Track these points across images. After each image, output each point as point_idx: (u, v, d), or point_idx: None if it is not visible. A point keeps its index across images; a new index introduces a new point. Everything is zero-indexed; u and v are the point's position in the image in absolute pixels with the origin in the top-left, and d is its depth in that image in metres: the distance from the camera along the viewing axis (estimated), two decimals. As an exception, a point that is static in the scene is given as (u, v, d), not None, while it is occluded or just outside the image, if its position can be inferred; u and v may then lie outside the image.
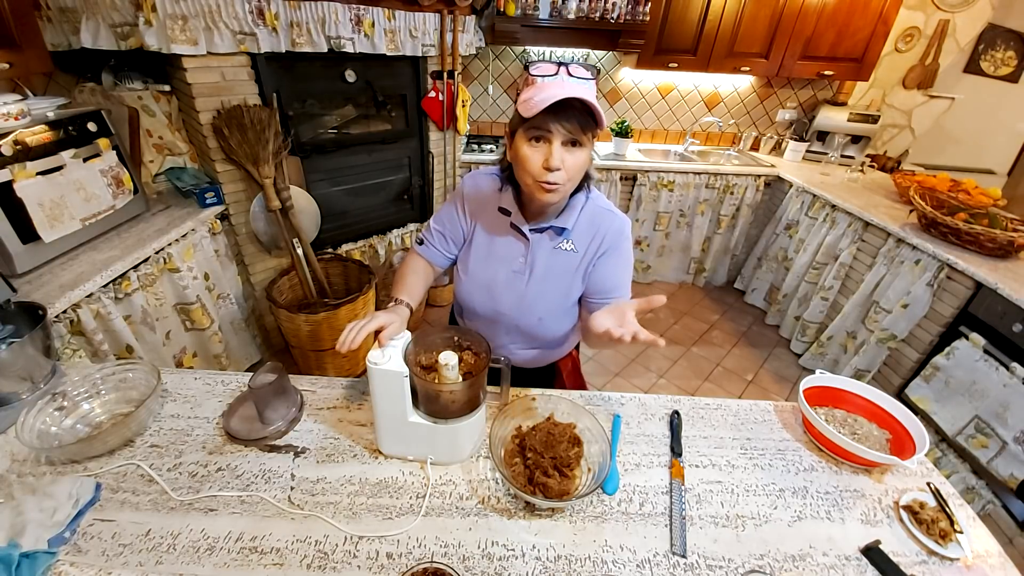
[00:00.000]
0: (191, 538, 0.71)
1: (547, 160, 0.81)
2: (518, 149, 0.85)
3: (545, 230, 0.97)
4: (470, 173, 1.06)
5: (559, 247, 0.98)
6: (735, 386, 2.49)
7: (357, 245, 2.44)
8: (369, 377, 0.78)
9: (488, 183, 1.03)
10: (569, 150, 0.82)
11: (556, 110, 0.78)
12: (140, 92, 1.82)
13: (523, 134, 0.83)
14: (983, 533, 0.80)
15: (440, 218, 1.07)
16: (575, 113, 0.79)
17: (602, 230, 0.97)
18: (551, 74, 0.83)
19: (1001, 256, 1.86)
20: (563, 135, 0.81)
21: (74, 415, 0.88)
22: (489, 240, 1.02)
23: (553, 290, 0.99)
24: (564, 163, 0.82)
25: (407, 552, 0.71)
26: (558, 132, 0.80)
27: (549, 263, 0.98)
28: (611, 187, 2.92)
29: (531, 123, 0.81)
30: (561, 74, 0.83)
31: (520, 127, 0.84)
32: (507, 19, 2.47)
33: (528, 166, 0.84)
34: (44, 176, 1.35)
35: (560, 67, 0.83)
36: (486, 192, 1.02)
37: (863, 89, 3.21)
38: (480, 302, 1.04)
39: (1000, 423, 1.62)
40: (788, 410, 1.04)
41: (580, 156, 0.84)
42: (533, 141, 0.83)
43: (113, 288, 1.43)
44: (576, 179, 0.87)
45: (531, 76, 0.85)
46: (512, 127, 0.88)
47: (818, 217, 2.58)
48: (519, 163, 0.86)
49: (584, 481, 0.80)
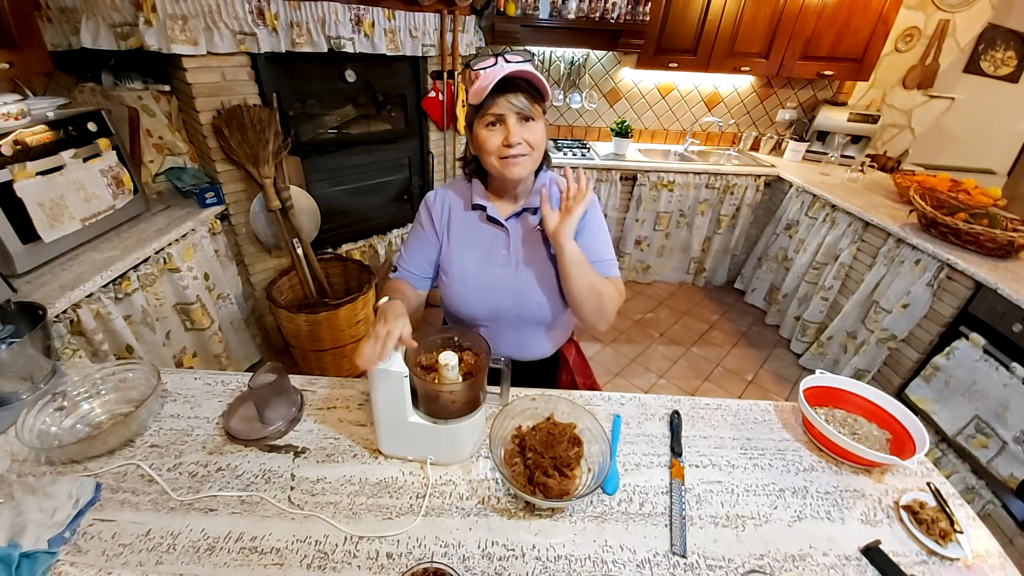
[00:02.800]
0: (191, 538, 0.71)
1: (506, 138, 0.89)
2: (478, 136, 0.93)
3: (520, 215, 1.02)
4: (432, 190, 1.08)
5: (537, 228, 1.02)
6: (735, 386, 2.49)
7: (357, 245, 2.44)
8: (369, 377, 0.78)
9: (452, 189, 1.07)
10: (524, 125, 0.90)
11: (502, 91, 0.86)
12: (140, 92, 1.82)
13: (479, 122, 0.92)
14: (983, 533, 0.80)
15: (408, 244, 1.09)
16: (520, 90, 0.88)
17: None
18: (490, 64, 0.89)
19: (1001, 256, 1.86)
20: (515, 111, 0.88)
21: (74, 415, 0.88)
22: (468, 242, 1.03)
23: (542, 271, 1.02)
24: (523, 137, 0.90)
25: (407, 552, 0.71)
26: (510, 110, 0.88)
27: (531, 246, 1.02)
28: (611, 187, 2.92)
29: (483, 108, 0.89)
30: (499, 62, 0.88)
31: (475, 117, 0.92)
32: (507, 19, 2.48)
33: (488, 146, 0.91)
34: (44, 176, 1.35)
35: (497, 57, 0.89)
36: (453, 195, 1.06)
37: (863, 89, 3.21)
38: (476, 305, 1.02)
39: (1000, 423, 1.62)
40: (788, 410, 1.04)
41: (536, 128, 0.92)
42: (490, 126, 0.91)
43: (113, 288, 1.43)
44: (540, 149, 0.95)
45: (473, 71, 0.91)
46: (468, 121, 0.96)
47: (818, 217, 2.58)
48: (481, 149, 0.93)
49: (584, 481, 0.80)
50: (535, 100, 0.90)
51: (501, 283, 1.01)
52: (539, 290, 1.01)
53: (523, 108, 0.88)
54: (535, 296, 1.01)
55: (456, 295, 1.04)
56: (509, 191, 1.02)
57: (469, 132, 0.96)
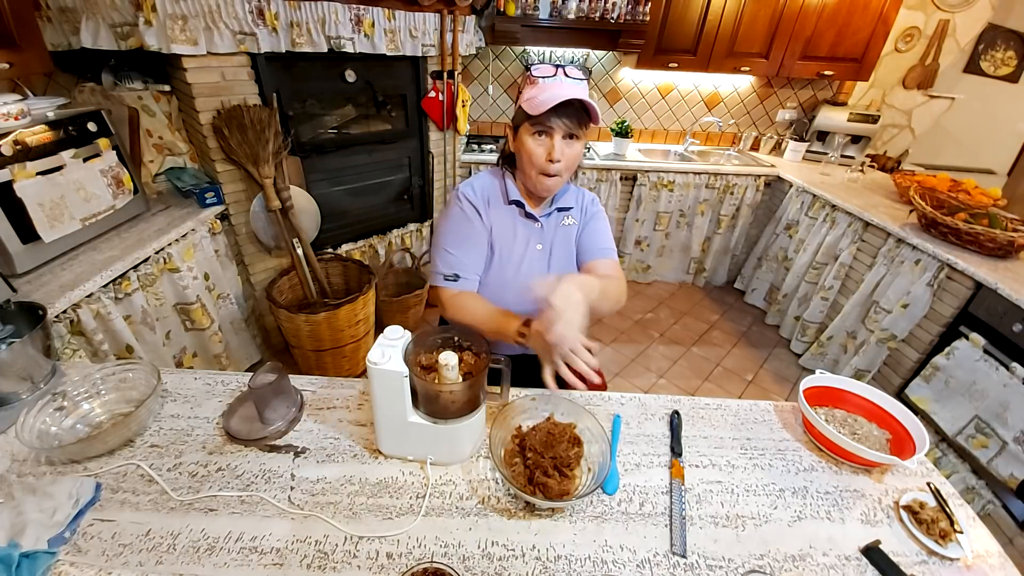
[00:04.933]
0: (191, 538, 0.71)
1: (550, 153, 0.94)
2: (523, 142, 0.97)
3: (552, 212, 1.10)
4: (457, 187, 1.07)
5: (563, 223, 1.11)
6: (735, 386, 2.49)
7: (357, 245, 2.44)
8: (369, 377, 0.78)
9: (486, 182, 1.08)
10: (567, 143, 0.95)
11: (557, 108, 0.89)
12: (140, 92, 1.82)
13: (528, 128, 0.95)
14: (983, 533, 0.80)
15: (459, 244, 1.02)
16: (573, 111, 0.92)
17: (583, 203, 1.15)
18: (551, 75, 0.93)
19: (1001, 256, 1.86)
20: (563, 130, 0.93)
21: (74, 415, 0.88)
22: (509, 235, 1.07)
23: (567, 262, 1.12)
24: (564, 155, 0.95)
25: (407, 552, 0.71)
26: (559, 127, 0.92)
27: (560, 240, 1.11)
28: (611, 187, 2.92)
29: (536, 120, 0.93)
30: (559, 75, 0.92)
31: (525, 122, 0.95)
32: (507, 19, 2.47)
33: (534, 159, 0.96)
34: (44, 176, 1.35)
35: (558, 69, 0.93)
36: (489, 191, 1.08)
37: (863, 89, 3.21)
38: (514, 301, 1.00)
39: (1000, 423, 1.62)
40: (788, 410, 1.04)
41: (576, 148, 0.97)
42: (537, 135, 0.95)
43: (113, 288, 1.43)
44: (572, 168, 1.00)
45: (532, 76, 0.94)
46: (516, 122, 1.00)
47: (818, 217, 2.58)
48: (524, 155, 0.98)
49: (584, 481, 0.80)
50: (583, 123, 0.94)
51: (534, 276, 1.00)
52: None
53: (572, 128, 0.93)
54: None
55: (494, 286, 1.07)
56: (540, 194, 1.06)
57: (513, 132, 1.01)
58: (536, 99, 0.90)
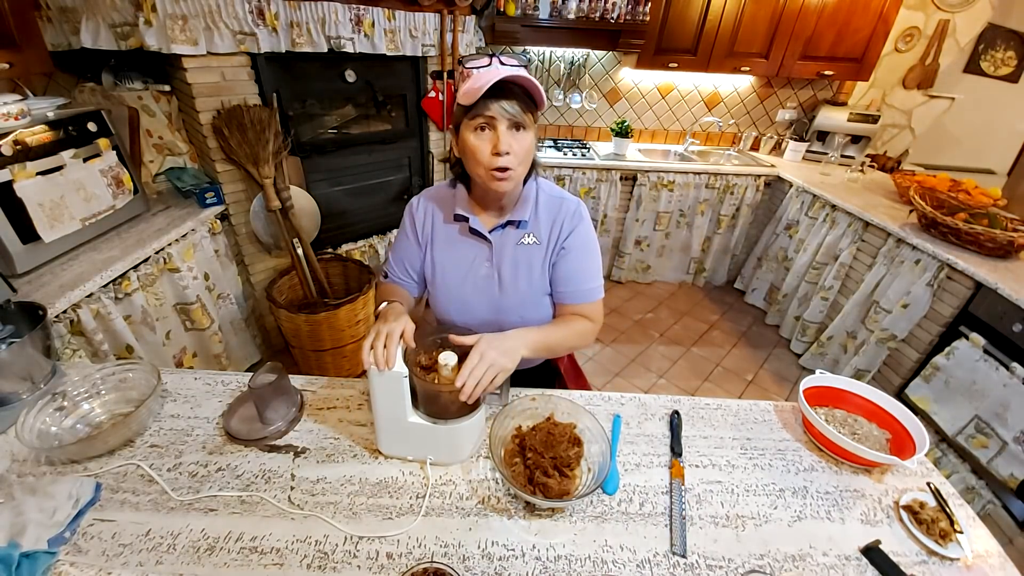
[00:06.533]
0: (191, 538, 0.71)
1: (495, 145, 0.83)
2: (465, 141, 0.87)
3: (504, 227, 0.98)
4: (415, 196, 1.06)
5: (522, 242, 0.99)
6: (735, 386, 2.49)
7: (357, 245, 2.44)
8: (369, 377, 0.78)
9: (436, 193, 1.04)
10: (514, 134, 0.85)
11: (496, 95, 0.81)
12: (140, 92, 1.82)
13: (468, 124, 0.85)
14: (983, 533, 0.80)
15: (395, 249, 1.08)
16: (514, 96, 0.82)
17: (559, 217, 0.99)
18: (484, 64, 0.84)
19: (1001, 256, 1.86)
20: (507, 118, 0.83)
21: (74, 415, 0.88)
22: (451, 253, 1.02)
23: (526, 287, 1.00)
24: (511, 147, 0.84)
25: (407, 552, 0.71)
26: (501, 116, 0.83)
27: (516, 261, 0.99)
28: (611, 187, 2.92)
29: (474, 111, 0.83)
30: (494, 63, 0.84)
31: (464, 118, 0.86)
32: (507, 19, 2.48)
33: (478, 155, 0.86)
34: (44, 176, 1.35)
35: (492, 58, 0.85)
36: (436, 204, 1.03)
37: (863, 89, 3.21)
38: (457, 316, 1.03)
39: (1000, 423, 1.62)
40: (788, 410, 1.04)
41: (526, 139, 0.87)
42: (479, 130, 0.85)
43: (113, 288, 1.43)
44: (526, 163, 0.89)
45: (466, 69, 0.86)
46: (456, 121, 0.89)
47: (818, 217, 2.58)
48: (468, 155, 0.88)
49: (584, 481, 0.80)
50: (528, 108, 0.85)
51: (481, 297, 1.01)
52: (521, 307, 1.00)
53: (515, 115, 0.83)
54: (517, 311, 1.00)
55: (439, 304, 1.05)
56: (494, 202, 0.98)
57: (455, 133, 0.90)
58: (471, 88, 0.80)
